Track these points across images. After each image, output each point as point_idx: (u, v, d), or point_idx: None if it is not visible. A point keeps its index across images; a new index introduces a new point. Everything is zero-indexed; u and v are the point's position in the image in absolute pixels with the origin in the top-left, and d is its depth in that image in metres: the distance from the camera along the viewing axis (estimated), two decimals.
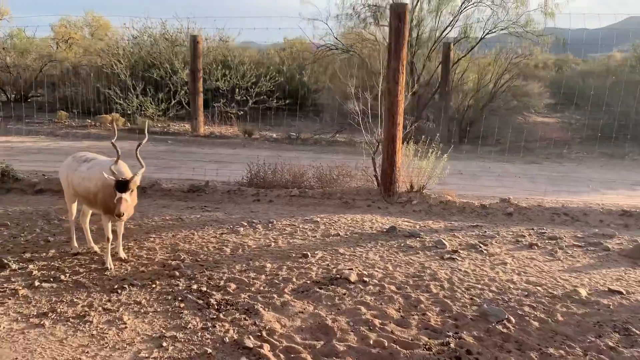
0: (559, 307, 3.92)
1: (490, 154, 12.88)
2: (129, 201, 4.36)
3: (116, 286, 4.27)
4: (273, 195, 6.93)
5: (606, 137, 13.56)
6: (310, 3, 16.63)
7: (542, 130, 16.39)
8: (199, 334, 3.50)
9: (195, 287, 4.26)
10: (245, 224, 5.91)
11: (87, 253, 5.00)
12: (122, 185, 4.30)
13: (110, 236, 4.71)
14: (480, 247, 5.26)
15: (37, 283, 4.28)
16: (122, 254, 4.92)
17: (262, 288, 4.26)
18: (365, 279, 4.41)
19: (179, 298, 4.07)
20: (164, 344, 3.36)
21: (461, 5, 13.29)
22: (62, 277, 4.42)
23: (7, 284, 4.27)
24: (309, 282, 4.37)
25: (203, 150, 12.40)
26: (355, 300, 4.05)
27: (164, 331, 3.53)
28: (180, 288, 4.25)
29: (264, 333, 3.49)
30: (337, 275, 4.45)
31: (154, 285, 4.29)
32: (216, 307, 3.91)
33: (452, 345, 3.36)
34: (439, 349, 3.33)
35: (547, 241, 5.54)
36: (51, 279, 4.37)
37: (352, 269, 4.60)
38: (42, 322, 3.62)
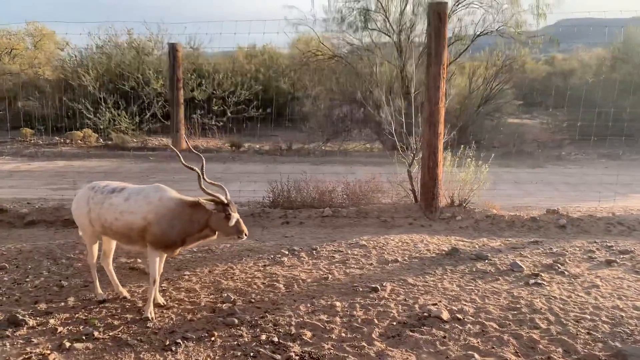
0: None
1: (490, 159, 12.52)
2: None
3: (167, 342, 3.52)
4: (303, 217, 6.24)
5: (596, 137, 13.50)
6: (295, 7, 15.81)
7: (528, 132, 16.29)
8: None
9: (264, 337, 3.56)
10: (286, 252, 5.22)
11: (115, 299, 4.20)
12: (233, 205, 3.83)
13: (158, 278, 3.97)
14: (558, 267, 4.75)
15: (67, 344, 3.48)
16: (161, 299, 4.15)
17: (343, 334, 3.60)
18: (458, 315, 3.81)
19: (251, 354, 3.37)
20: None
21: (452, 8, 12.95)
22: (96, 333, 3.63)
23: (30, 347, 3.45)
24: (394, 323, 3.74)
25: None
26: (460, 344, 3.44)
27: None
28: (246, 340, 3.54)
29: None
30: (425, 314, 3.83)
31: (212, 338, 3.56)
32: None
33: None
34: None
35: (620, 256, 5.09)
36: (83, 337, 3.58)
37: (436, 304, 4.00)
38: None
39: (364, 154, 13.42)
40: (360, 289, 4.29)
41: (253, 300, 4.14)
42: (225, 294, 4.22)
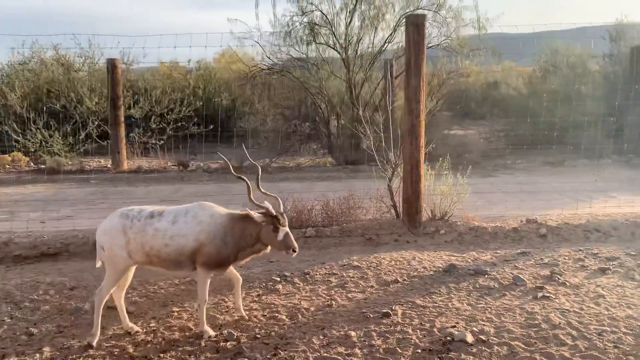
0: None
1: (468, 170, 12.66)
2: None
3: None
4: None
5: (540, 146, 14.06)
6: (240, 20, 15.43)
7: (470, 143, 16.72)
8: None
9: None
10: (277, 278, 4.87)
11: (102, 346, 3.70)
12: (284, 217, 3.70)
13: (207, 298, 3.83)
14: (557, 278, 4.71)
15: None
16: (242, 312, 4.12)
17: None
18: (481, 337, 3.63)
19: None
20: None
21: (398, 21, 13.08)
22: None
23: None
24: (419, 351, 3.51)
25: (138, 189, 10.84)
26: None
27: None
28: None
29: None
30: (448, 337, 3.63)
31: None
32: None
33: None
34: None
35: (610, 263, 5.14)
36: None
37: (455, 326, 3.81)
38: None
39: (318, 168, 13.21)
40: (371, 315, 4.03)
41: (259, 336, 3.78)
42: (226, 331, 3.83)
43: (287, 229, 3.67)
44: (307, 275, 4.91)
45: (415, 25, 5.70)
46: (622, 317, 3.92)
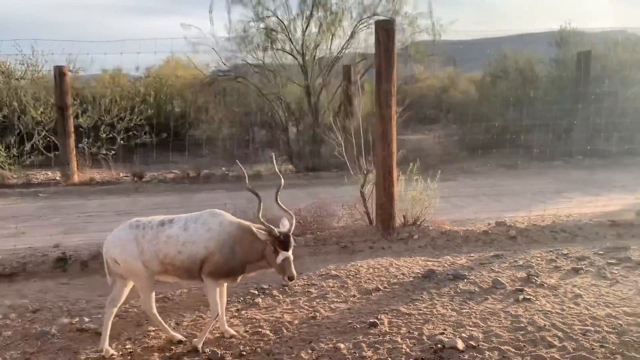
0: None
1: (438, 175, 12.75)
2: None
3: None
4: None
5: (488, 149, 14.43)
6: (194, 26, 15.07)
7: (426, 147, 16.98)
8: None
9: None
10: (255, 291, 4.71)
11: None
12: (288, 241, 3.46)
13: (219, 311, 3.70)
14: (534, 280, 4.76)
15: None
16: (230, 330, 3.92)
17: None
18: (471, 343, 3.61)
19: None
20: None
21: (355, 27, 13.15)
22: None
23: None
24: None
25: (92, 202, 10.36)
26: None
27: None
28: None
29: None
30: (439, 345, 3.58)
31: None
32: None
33: None
34: None
35: (581, 263, 5.25)
36: None
37: (443, 333, 3.77)
38: None
39: (279, 176, 13.02)
40: (358, 326, 3.94)
41: (244, 353, 3.62)
42: (209, 350, 3.66)
43: (288, 253, 3.47)
44: (286, 287, 4.77)
45: (385, 30, 5.69)
46: (602, 316, 3.99)
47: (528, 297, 4.38)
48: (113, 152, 14.42)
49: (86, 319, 4.18)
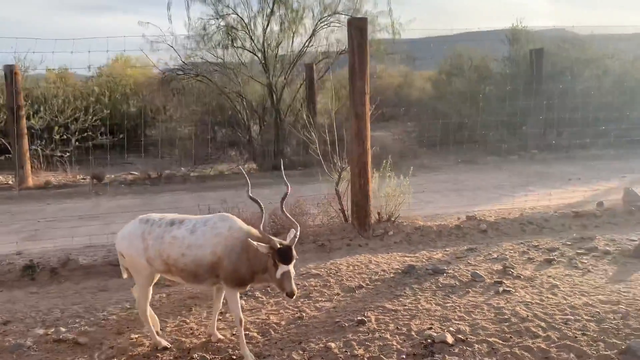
0: None
1: (410, 171, 12.84)
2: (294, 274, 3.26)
3: None
4: None
5: (446, 145, 14.73)
6: (152, 24, 14.65)
7: (385, 144, 17.16)
8: None
9: None
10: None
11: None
12: (288, 255, 3.22)
13: (243, 318, 3.54)
14: (511, 271, 4.88)
15: None
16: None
17: None
18: (459, 336, 3.67)
19: None
20: None
21: (316, 25, 13.14)
22: None
23: None
24: (404, 356, 3.47)
25: (51, 207, 9.94)
26: None
27: None
28: None
29: None
30: (428, 340, 3.62)
31: None
32: None
33: None
34: None
35: (552, 254, 5.42)
36: None
37: (431, 328, 3.82)
38: None
39: (242, 176, 12.83)
40: (346, 324, 3.93)
41: (234, 357, 3.56)
42: (197, 355, 3.57)
43: (288, 267, 3.21)
44: (269, 288, 4.71)
45: (358, 28, 5.69)
46: (580, 304, 4.12)
47: (507, 289, 4.49)
48: (68, 153, 13.91)
49: (63, 329, 4.00)
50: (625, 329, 3.67)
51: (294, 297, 3.27)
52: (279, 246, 3.23)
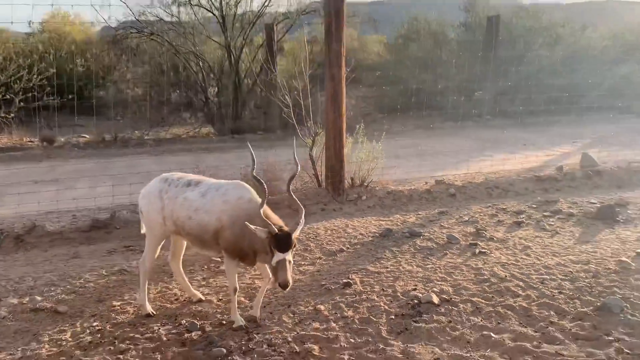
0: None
1: (383, 135, 12.80)
2: (292, 263, 3.10)
3: None
4: None
5: (412, 111, 14.84)
6: None
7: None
8: None
9: None
10: (218, 258, 4.57)
11: (41, 356, 3.17)
12: (285, 242, 3.02)
13: (237, 287, 3.43)
14: (484, 234, 5.05)
15: None
16: (258, 313, 3.55)
17: (352, 340, 3.29)
18: (444, 297, 3.78)
19: None
20: None
21: None
22: None
23: None
24: (393, 317, 3.55)
25: (1, 171, 9.40)
26: (468, 326, 3.41)
27: None
28: None
29: None
30: (415, 301, 3.72)
31: None
32: None
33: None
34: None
35: (520, 216, 5.62)
36: None
37: (415, 289, 3.91)
38: None
39: (201, 139, 12.56)
40: (332, 287, 3.97)
41: (224, 322, 3.53)
42: (185, 321, 3.52)
43: (284, 255, 3.00)
44: None
45: None
46: (553, 264, 4.31)
47: (483, 250, 4.64)
48: (12, 115, 13.13)
49: (38, 298, 3.85)
50: (598, 287, 3.87)
51: (288, 289, 3.09)
52: (276, 231, 3.03)
